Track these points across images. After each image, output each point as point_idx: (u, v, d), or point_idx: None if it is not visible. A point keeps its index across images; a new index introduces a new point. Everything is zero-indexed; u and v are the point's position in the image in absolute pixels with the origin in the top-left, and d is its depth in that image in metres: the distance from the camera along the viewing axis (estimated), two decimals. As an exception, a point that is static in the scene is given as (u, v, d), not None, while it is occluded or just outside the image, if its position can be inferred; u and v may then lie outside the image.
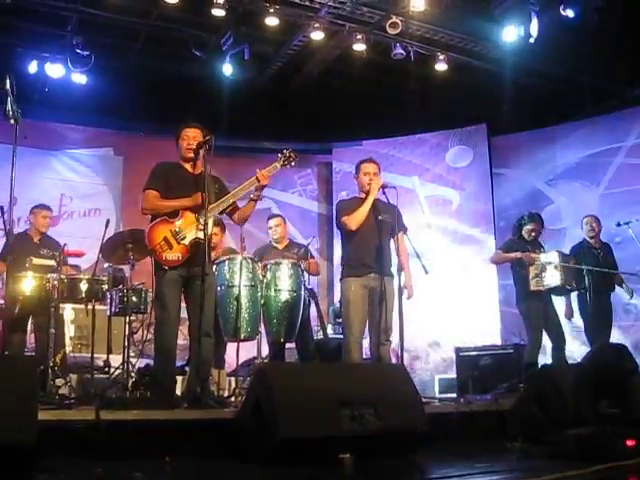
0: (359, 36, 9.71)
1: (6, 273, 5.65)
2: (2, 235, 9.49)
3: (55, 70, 10.13)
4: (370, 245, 5.90)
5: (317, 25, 9.45)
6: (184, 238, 5.20)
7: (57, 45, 10.09)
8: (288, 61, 10.58)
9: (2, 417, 3.21)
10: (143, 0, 9.23)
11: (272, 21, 9.22)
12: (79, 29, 9.78)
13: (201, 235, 5.08)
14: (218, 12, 9.00)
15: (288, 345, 6.96)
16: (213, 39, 10.07)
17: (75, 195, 10.64)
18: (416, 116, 11.09)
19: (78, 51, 9.88)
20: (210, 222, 5.17)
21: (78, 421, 4.01)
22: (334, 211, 6.48)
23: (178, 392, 5.69)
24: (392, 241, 5.99)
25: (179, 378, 6.21)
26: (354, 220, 5.85)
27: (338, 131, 11.37)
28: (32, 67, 10.07)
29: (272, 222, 7.32)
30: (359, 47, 9.77)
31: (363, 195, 6.01)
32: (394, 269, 5.93)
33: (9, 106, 4.86)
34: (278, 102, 10.95)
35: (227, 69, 10.12)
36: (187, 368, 6.56)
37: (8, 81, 4.93)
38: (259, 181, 5.42)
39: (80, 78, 10.18)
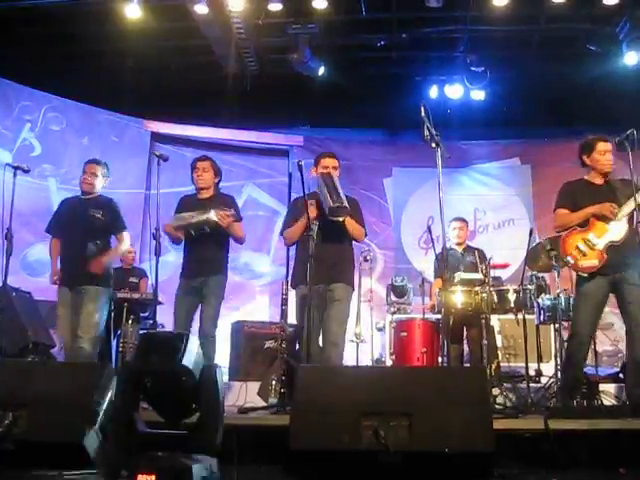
0: None
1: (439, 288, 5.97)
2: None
3: (454, 91, 10.59)
4: None
5: None
6: (597, 244, 5.19)
7: (452, 67, 10.53)
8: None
9: (461, 427, 3.36)
10: (529, 6, 9.18)
11: (671, -3, 8.56)
12: (471, 47, 10.12)
13: (615, 237, 5.12)
14: (610, 0, 8.61)
15: None
16: (607, 30, 9.62)
17: (488, 208, 10.91)
18: None
19: (473, 69, 10.21)
20: (620, 225, 5.17)
21: (527, 430, 4.06)
22: None
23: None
24: None
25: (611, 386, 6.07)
26: None
27: None
28: (433, 92, 10.64)
29: None
30: None
31: None
32: None
33: (427, 131, 5.11)
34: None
35: (631, 58, 9.57)
36: (621, 375, 6.33)
37: (423, 109, 5.19)
38: None
39: (478, 94, 10.49)
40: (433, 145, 5.06)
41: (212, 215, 5.61)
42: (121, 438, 2.97)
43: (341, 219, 5.34)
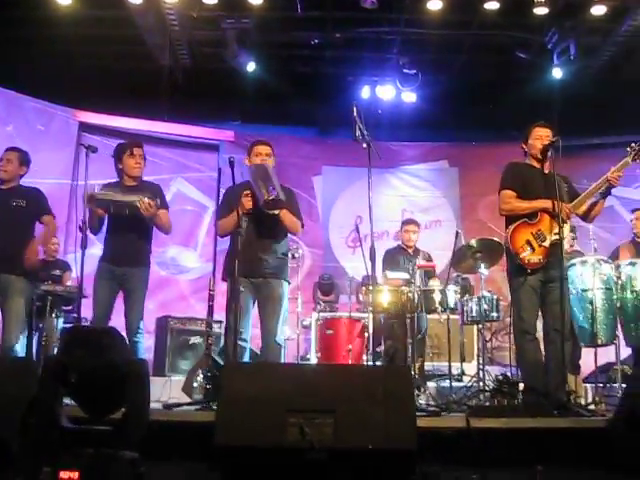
0: (700, 6, 8.87)
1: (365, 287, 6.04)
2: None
3: (386, 92, 10.68)
4: None
5: (648, 4, 8.81)
6: (545, 240, 5.17)
7: (385, 68, 10.63)
8: (618, 49, 9.97)
9: (385, 424, 3.40)
10: (463, 11, 9.33)
11: (598, 10, 8.81)
12: (404, 49, 10.24)
13: (560, 236, 5.06)
14: (541, 10, 8.80)
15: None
16: (536, 39, 9.88)
17: (416, 209, 11.00)
18: None
19: (405, 71, 10.34)
20: (567, 225, 5.13)
21: (449, 428, 4.12)
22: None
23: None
24: None
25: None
26: None
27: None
28: (364, 92, 10.70)
29: None
30: (701, 20, 8.93)
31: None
32: None
33: (358, 131, 5.16)
34: (610, 94, 10.37)
35: (557, 73, 9.90)
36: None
37: (355, 109, 5.23)
38: (610, 182, 5.21)
39: (410, 96, 10.61)
40: (364, 145, 5.10)
41: (137, 201, 5.50)
42: (43, 434, 2.91)
43: (277, 212, 5.24)
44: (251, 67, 9.95)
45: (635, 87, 10.15)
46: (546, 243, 5.17)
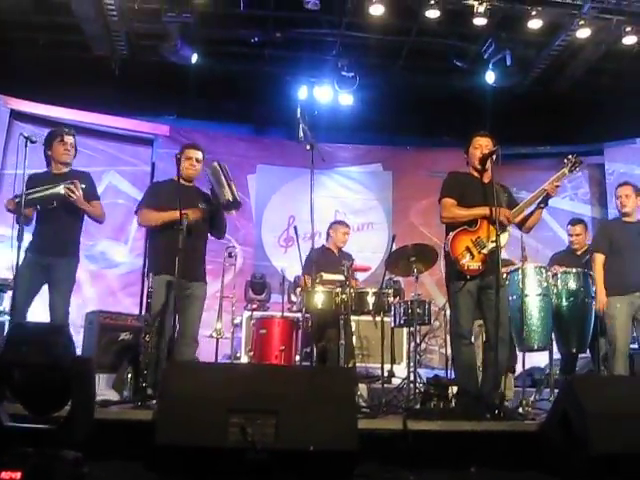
0: (628, 29, 9.17)
1: (304, 288, 6.05)
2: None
3: (323, 93, 10.73)
4: None
5: (582, 22, 9.05)
6: (484, 247, 5.27)
7: (323, 69, 10.66)
8: (551, 63, 10.26)
9: (327, 426, 3.44)
10: (404, 18, 9.43)
11: (535, 24, 9.00)
12: (343, 52, 10.28)
13: (500, 243, 5.16)
14: (480, 21, 8.93)
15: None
16: (474, 48, 10.07)
17: (348, 211, 11.04)
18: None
19: (344, 73, 10.41)
20: (506, 232, 5.33)
21: (386, 430, 4.19)
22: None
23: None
24: None
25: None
26: None
27: (609, 131, 10.80)
28: (302, 93, 10.72)
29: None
30: (629, 40, 9.22)
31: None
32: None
33: (302, 132, 5.19)
34: (542, 106, 10.66)
35: (490, 77, 10.04)
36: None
37: (299, 110, 5.27)
38: (548, 192, 5.38)
39: (347, 99, 10.69)
40: (307, 147, 5.15)
41: (61, 189, 5.46)
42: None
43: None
44: (194, 59, 9.84)
45: (565, 100, 10.49)
46: (485, 250, 5.26)
